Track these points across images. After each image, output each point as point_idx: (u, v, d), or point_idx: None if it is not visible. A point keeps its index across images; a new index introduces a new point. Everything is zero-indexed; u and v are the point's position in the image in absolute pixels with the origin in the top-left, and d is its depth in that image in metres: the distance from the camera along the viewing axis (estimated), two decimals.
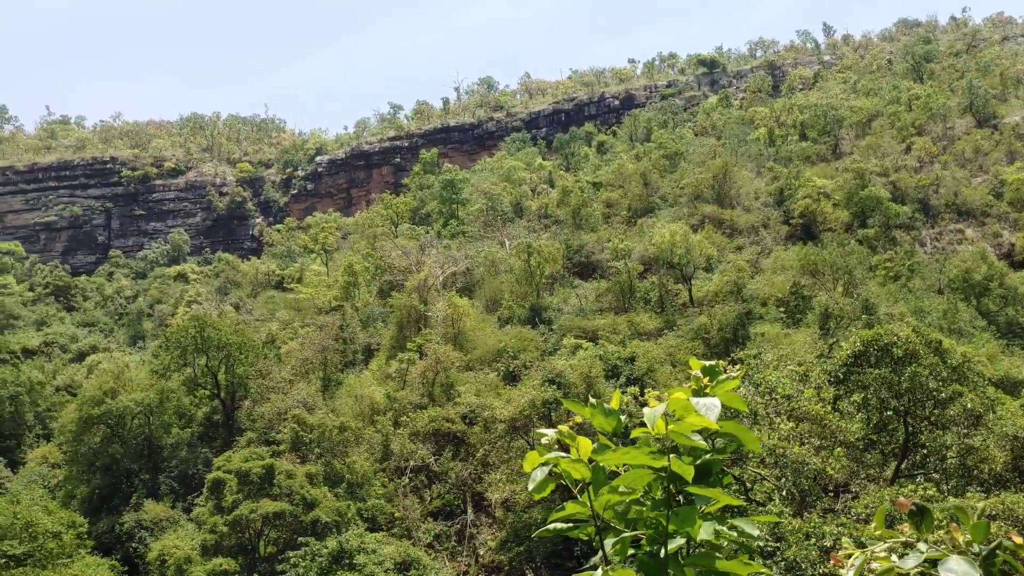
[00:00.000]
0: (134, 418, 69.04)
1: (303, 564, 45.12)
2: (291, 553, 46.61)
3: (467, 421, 59.28)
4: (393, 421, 61.25)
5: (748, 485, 31.65)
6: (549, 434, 3.26)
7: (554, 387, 51.20)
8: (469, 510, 54.21)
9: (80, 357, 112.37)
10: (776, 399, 32.76)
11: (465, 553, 51.52)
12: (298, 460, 56.34)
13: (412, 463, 56.95)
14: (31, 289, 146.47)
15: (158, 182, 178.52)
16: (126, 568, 56.40)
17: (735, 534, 3.11)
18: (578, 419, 3.38)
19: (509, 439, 53.38)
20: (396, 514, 53.31)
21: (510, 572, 48.62)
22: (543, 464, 3.15)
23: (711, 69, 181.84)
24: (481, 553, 51.41)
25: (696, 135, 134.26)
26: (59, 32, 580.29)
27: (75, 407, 73.41)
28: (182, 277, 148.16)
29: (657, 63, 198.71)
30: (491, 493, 53.25)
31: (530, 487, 3.16)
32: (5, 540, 48.85)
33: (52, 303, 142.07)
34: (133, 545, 59.19)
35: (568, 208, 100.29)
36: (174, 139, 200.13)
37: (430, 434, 58.95)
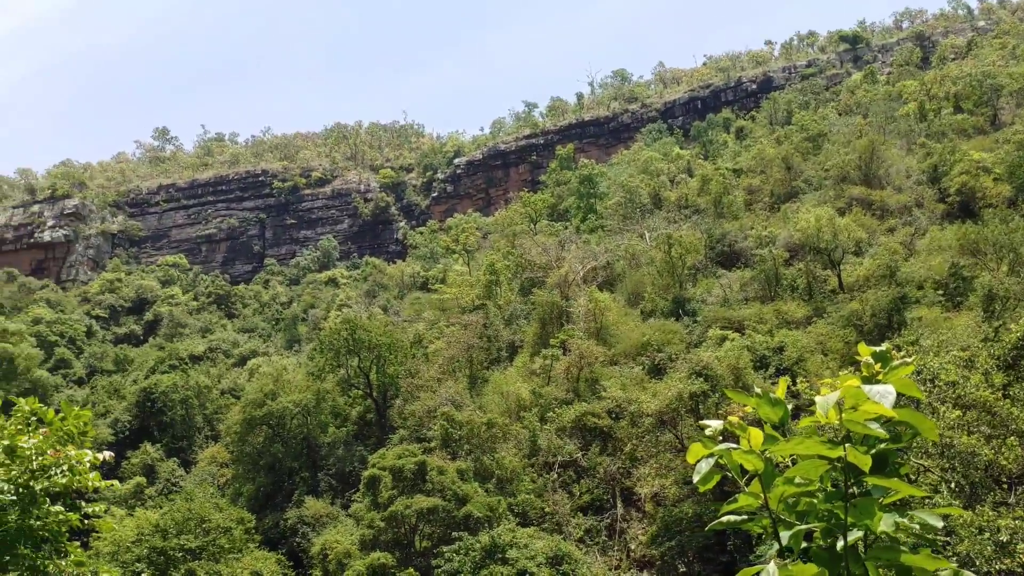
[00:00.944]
0: (293, 418, 72.04)
1: (457, 559, 45.97)
2: (445, 548, 47.55)
3: (613, 416, 58.99)
4: (539, 417, 61.60)
5: (912, 477, 30.23)
6: (713, 425, 3.20)
7: (701, 379, 50.28)
8: (618, 504, 53.91)
9: (242, 361, 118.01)
10: (939, 386, 31.13)
11: (616, 548, 51.28)
12: (449, 456, 57.40)
13: (560, 458, 57.12)
14: (195, 299, 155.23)
15: (307, 191, 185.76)
16: (291, 562, 58.91)
17: (916, 526, 2.96)
18: (748, 410, 3.29)
19: (656, 433, 52.78)
20: (546, 509, 53.60)
21: (662, 567, 48.09)
22: (709, 456, 3.10)
23: (854, 45, 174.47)
24: (632, 548, 51.05)
25: (840, 114, 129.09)
26: (210, 54, 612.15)
27: (239, 409, 77.21)
28: (332, 282, 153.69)
29: (795, 43, 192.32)
30: (640, 487, 52.79)
31: (695, 479, 3.11)
32: (182, 535, 51.89)
33: (215, 311, 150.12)
34: (296, 540, 61.77)
35: (708, 197, 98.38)
36: (320, 149, 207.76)
37: (576, 429, 58.97)
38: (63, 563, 9.10)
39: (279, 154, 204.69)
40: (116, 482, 9.41)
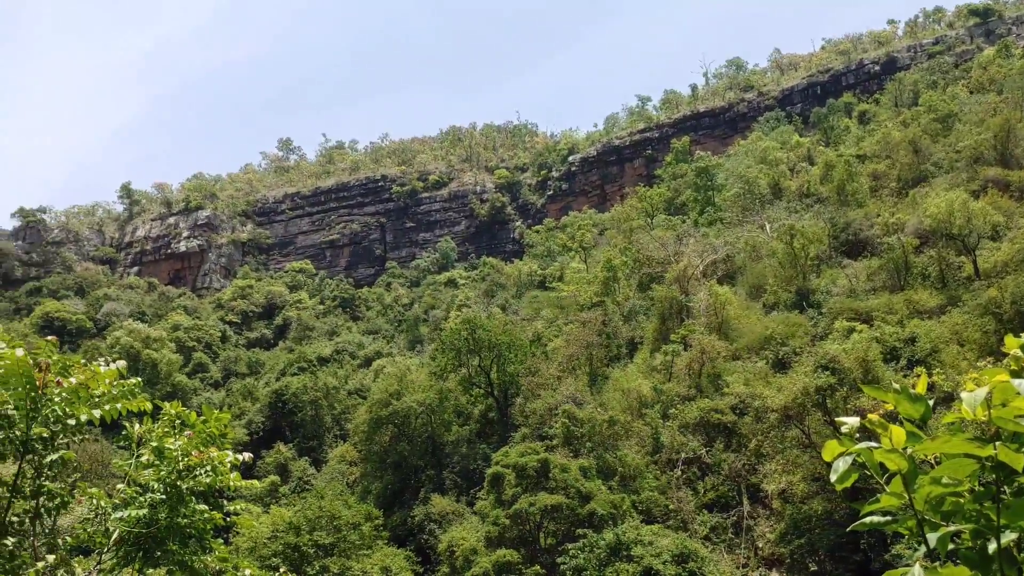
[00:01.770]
0: (417, 417, 73.42)
1: (582, 556, 45.96)
2: (569, 545, 47.61)
3: (737, 411, 57.90)
4: (661, 413, 61.01)
5: None
6: (850, 422, 3.11)
7: (828, 373, 48.78)
8: (745, 502, 52.86)
9: (367, 362, 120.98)
10: None
11: (743, 545, 50.29)
12: (571, 454, 57.44)
13: (683, 455, 56.43)
14: (321, 302, 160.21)
15: (424, 195, 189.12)
16: (419, 558, 60.06)
17: None
18: (888, 406, 3.18)
19: (782, 429, 51.52)
20: (670, 506, 53.04)
21: (792, 565, 46.89)
22: (847, 454, 3.01)
23: (985, 18, 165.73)
24: (760, 545, 49.97)
25: (971, 92, 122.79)
26: (331, 66, 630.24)
27: (365, 409, 79.19)
28: (452, 283, 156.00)
29: (920, 20, 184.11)
30: (767, 484, 51.65)
31: (832, 478, 3.03)
32: (315, 532, 53.61)
33: (340, 314, 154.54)
34: (424, 537, 62.92)
35: (831, 184, 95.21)
36: (436, 153, 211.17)
37: (700, 425, 58.13)
38: (208, 559, 9.55)
39: (397, 159, 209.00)
40: (255, 482, 9.83)
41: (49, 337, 9.31)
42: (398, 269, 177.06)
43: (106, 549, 9.64)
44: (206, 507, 9.41)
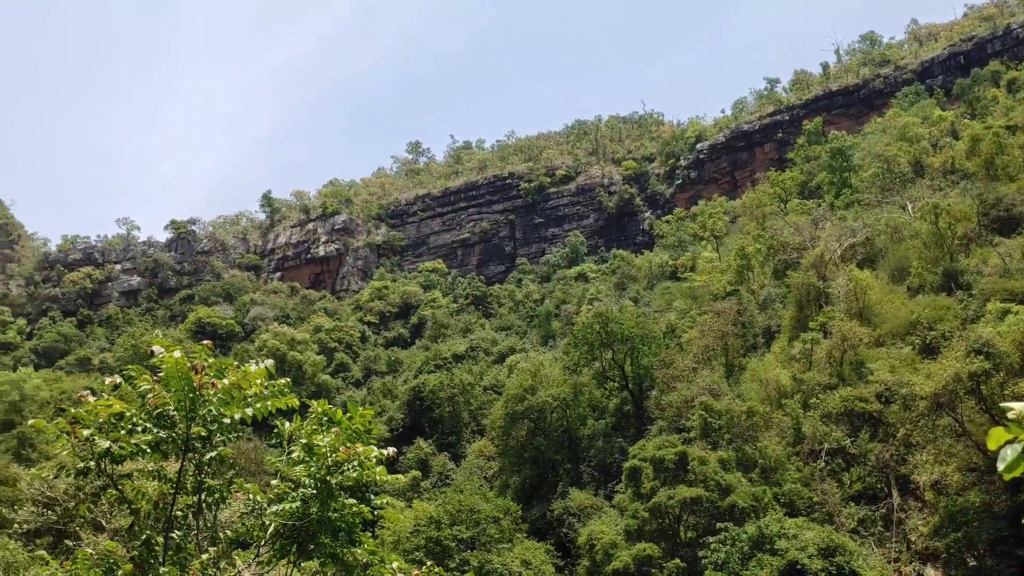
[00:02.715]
0: (553, 412, 73.76)
1: (724, 549, 45.22)
2: (710, 539, 46.94)
3: (883, 400, 55.72)
4: (802, 403, 59.35)
5: None
6: (1018, 407, 2.97)
7: (981, 358, 46.33)
8: (894, 494, 50.80)
9: (501, 358, 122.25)
10: None
11: (894, 539, 48.35)
12: (709, 446, 56.62)
13: (827, 446, 54.72)
14: (455, 301, 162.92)
15: (552, 190, 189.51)
16: (559, 552, 60.33)
17: None
18: None
19: (933, 417, 49.29)
20: (814, 498, 51.54)
21: (948, 560, 44.75)
22: (1015, 441, 2.87)
23: None
24: (912, 539, 47.92)
25: None
26: (455, 68, 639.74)
27: (501, 404, 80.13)
28: (582, 277, 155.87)
29: None
30: (918, 475, 49.54)
31: (1000, 467, 2.91)
32: (455, 526, 54.64)
33: (473, 311, 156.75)
34: (563, 530, 63.15)
35: (979, 159, 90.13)
36: (562, 147, 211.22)
37: (843, 415, 56.26)
38: (358, 552, 9.90)
39: (523, 156, 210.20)
40: (400, 476, 10.14)
41: (204, 341, 9.87)
42: (528, 265, 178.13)
43: (263, 542, 10.14)
44: (354, 501, 9.76)
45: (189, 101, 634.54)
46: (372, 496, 10.40)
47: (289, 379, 10.07)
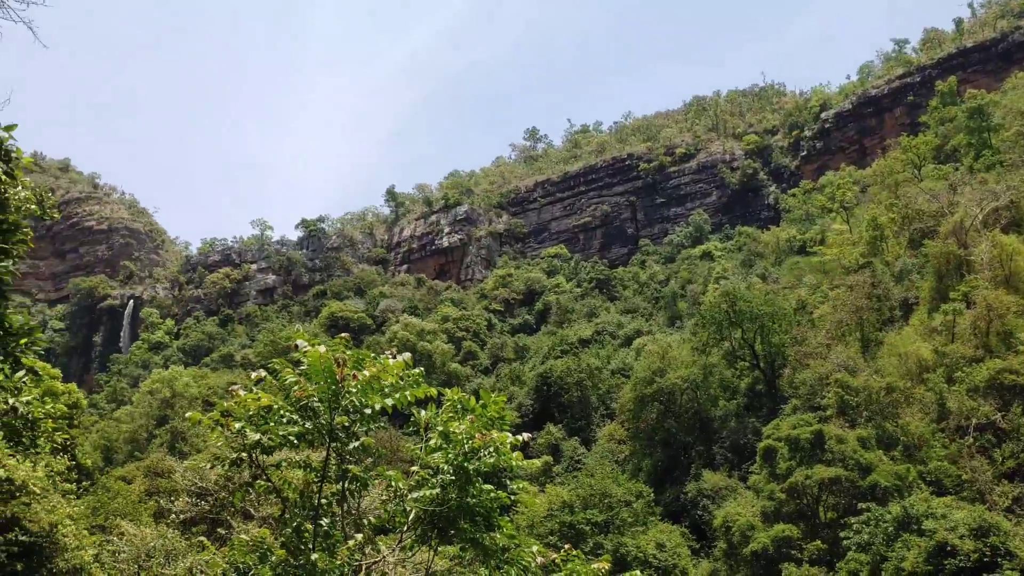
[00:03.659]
0: (683, 394, 73.19)
1: (867, 530, 44.00)
2: (852, 519, 45.73)
3: None
4: (945, 377, 56.94)
5: None
6: None
7: None
8: None
9: (627, 341, 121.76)
10: None
11: None
12: (846, 424, 55.08)
13: (975, 421, 52.33)
14: (578, 285, 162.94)
15: (672, 169, 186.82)
16: (694, 535, 59.94)
17: None
18: None
19: None
20: (963, 476, 49.39)
21: None
22: None
23: None
24: None
25: None
26: (570, 54, 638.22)
27: (630, 388, 80.00)
28: (707, 256, 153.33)
29: None
30: None
31: None
32: (588, 509, 54.98)
33: (597, 295, 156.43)
34: (698, 513, 62.69)
35: None
36: (680, 125, 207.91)
37: (992, 388, 53.64)
38: (497, 536, 10.19)
39: (642, 136, 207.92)
40: (535, 461, 10.39)
41: (342, 334, 10.35)
42: (651, 246, 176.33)
43: (405, 528, 10.57)
44: (491, 487, 10.06)
45: (316, 104, 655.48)
46: (508, 482, 10.67)
47: (421, 369, 10.42)
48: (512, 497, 10.68)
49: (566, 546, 11.27)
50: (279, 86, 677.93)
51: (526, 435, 10.33)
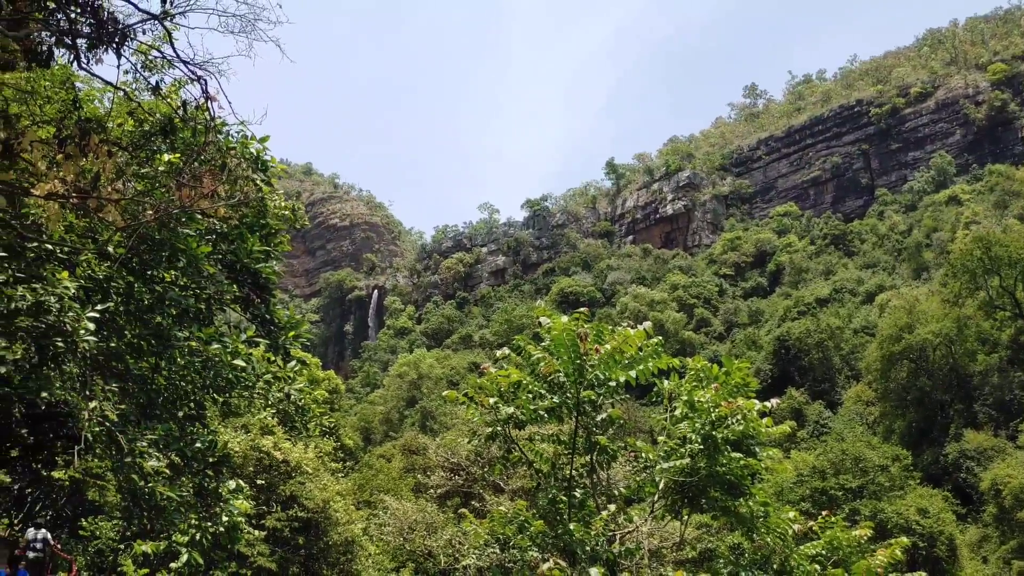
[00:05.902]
0: (935, 349, 68.80)
1: None
2: None
3: None
4: None
5: None
6: None
7: None
8: None
9: (869, 298, 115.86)
10: None
11: None
12: None
13: None
14: (812, 243, 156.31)
15: (907, 111, 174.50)
16: (957, 499, 56.34)
17: None
18: None
19: None
20: None
21: None
22: None
23: None
24: None
25: None
26: (786, 3, 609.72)
27: (876, 346, 76.15)
28: (953, 200, 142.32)
29: None
30: None
31: None
32: (840, 475, 52.93)
33: (832, 252, 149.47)
34: (961, 476, 58.88)
35: None
36: (913, 63, 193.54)
37: None
38: (751, 503, 10.18)
39: (871, 79, 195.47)
40: (784, 426, 10.26)
41: (580, 309, 10.69)
42: (889, 195, 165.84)
43: (656, 497, 10.80)
44: (740, 455, 10.07)
45: (526, 86, 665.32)
46: (756, 448, 10.61)
47: (660, 338, 10.55)
48: (762, 464, 10.61)
49: (823, 512, 11.06)
50: (488, 71, 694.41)
51: (775, 401, 10.22)
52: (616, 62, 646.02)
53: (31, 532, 21.05)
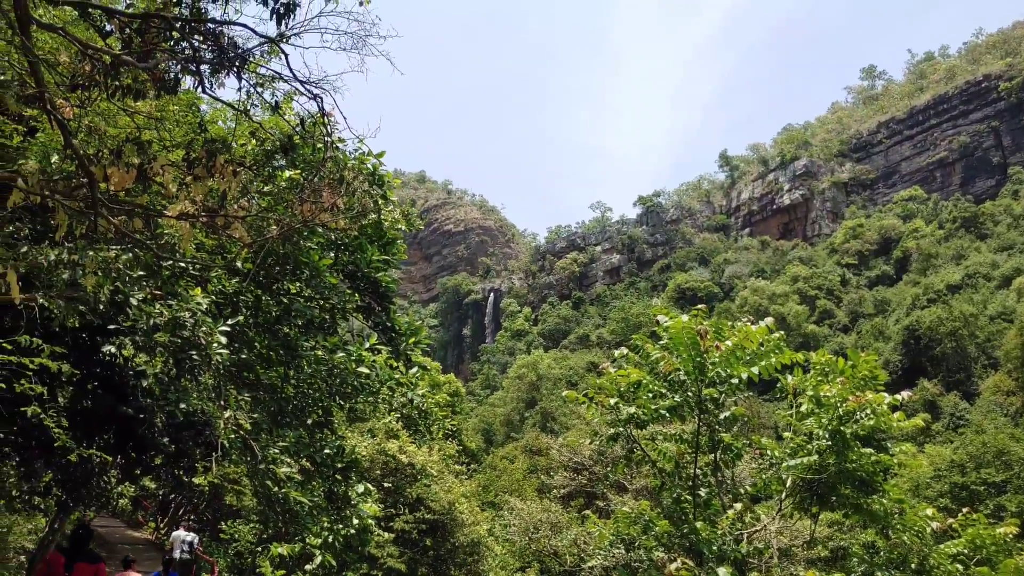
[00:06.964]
0: None
1: None
2: None
3: None
4: None
5: None
6: None
7: None
8: None
9: (1005, 282, 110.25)
10: None
11: None
12: None
13: None
14: (940, 227, 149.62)
15: None
16: None
17: None
18: None
19: None
20: None
21: None
22: None
23: None
24: None
25: None
26: None
27: (1016, 333, 72.45)
28: None
29: None
30: None
31: None
32: (982, 469, 50.54)
33: (963, 235, 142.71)
34: None
35: None
36: None
37: None
38: (884, 500, 9.82)
39: (999, 52, 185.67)
40: (918, 419, 9.87)
41: (699, 306, 10.55)
42: None
43: (783, 495, 10.56)
44: (870, 450, 9.73)
45: (634, 81, 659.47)
46: (888, 444, 10.25)
47: (782, 333, 10.30)
48: (894, 460, 10.21)
49: (964, 510, 10.58)
50: (597, 71, 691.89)
51: (906, 393, 9.85)
52: (724, 52, 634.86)
53: (179, 534, 22.20)
